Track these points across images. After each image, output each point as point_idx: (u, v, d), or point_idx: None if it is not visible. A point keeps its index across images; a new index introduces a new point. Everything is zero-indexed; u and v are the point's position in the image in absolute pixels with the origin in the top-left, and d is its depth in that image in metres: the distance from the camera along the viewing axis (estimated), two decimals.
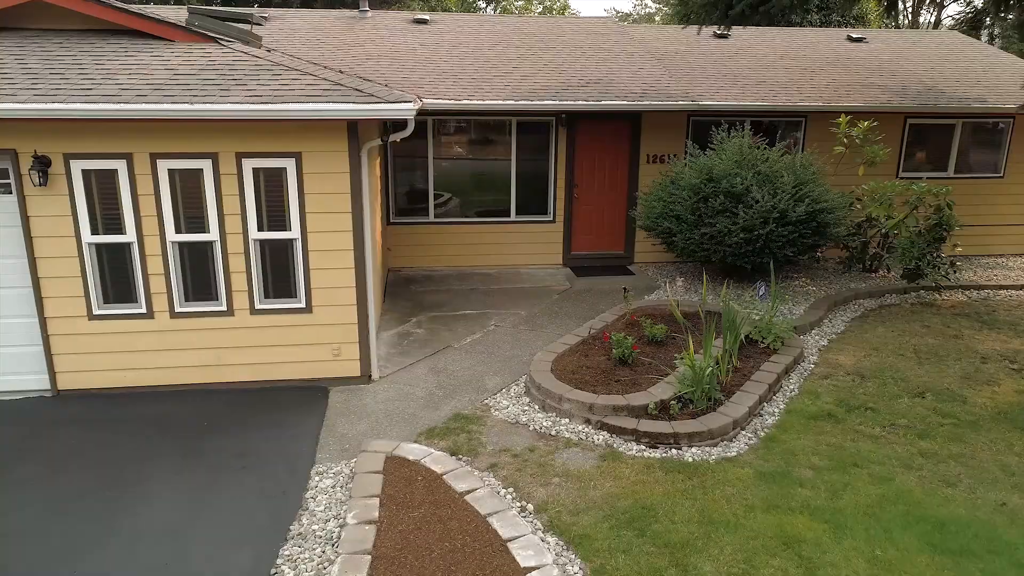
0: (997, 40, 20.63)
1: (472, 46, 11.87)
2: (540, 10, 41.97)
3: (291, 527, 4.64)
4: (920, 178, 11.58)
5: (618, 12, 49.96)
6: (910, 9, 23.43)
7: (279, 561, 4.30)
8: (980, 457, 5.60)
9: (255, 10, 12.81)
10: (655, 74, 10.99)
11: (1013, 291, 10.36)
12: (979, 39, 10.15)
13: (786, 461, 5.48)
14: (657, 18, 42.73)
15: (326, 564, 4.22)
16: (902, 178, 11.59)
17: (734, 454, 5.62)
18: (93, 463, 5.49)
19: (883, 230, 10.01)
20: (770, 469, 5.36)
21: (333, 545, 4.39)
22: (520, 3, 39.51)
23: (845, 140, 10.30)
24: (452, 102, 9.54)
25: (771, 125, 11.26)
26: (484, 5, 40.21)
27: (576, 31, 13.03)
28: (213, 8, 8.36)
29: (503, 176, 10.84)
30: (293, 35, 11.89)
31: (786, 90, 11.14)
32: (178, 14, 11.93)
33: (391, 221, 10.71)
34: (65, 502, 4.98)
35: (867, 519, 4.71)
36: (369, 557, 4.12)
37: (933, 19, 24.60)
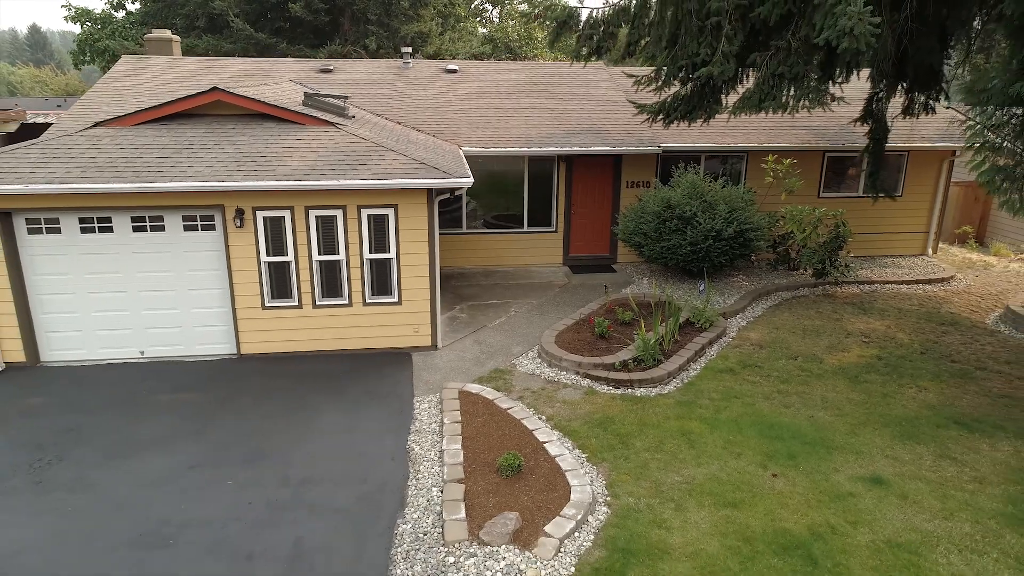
0: None
1: (493, 95, 15.40)
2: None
3: (411, 426, 8.33)
4: (836, 198, 15.22)
5: None
6: None
7: (409, 440, 7.99)
8: (813, 394, 9.28)
9: (334, 62, 16.26)
10: (634, 121, 14.53)
11: (894, 285, 14.01)
12: None
13: (695, 395, 9.16)
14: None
15: (435, 443, 7.91)
16: (823, 198, 15.20)
17: (666, 392, 9.28)
18: (279, 397, 9.16)
19: (798, 241, 13.63)
20: (685, 399, 9.03)
21: (438, 434, 8.09)
22: (523, 7, 42.64)
23: (772, 173, 13.89)
24: (482, 149, 13.14)
25: (722, 158, 14.82)
26: (491, 8, 43.44)
27: (574, 77, 16.53)
28: (319, 94, 11.88)
29: (517, 196, 14.42)
30: (354, 86, 15.40)
31: (732, 132, 14.69)
32: (246, 63, 15.39)
33: None
34: (273, 417, 8.65)
35: (731, 423, 8.40)
36: (460, 437, 7.81)
37: None
